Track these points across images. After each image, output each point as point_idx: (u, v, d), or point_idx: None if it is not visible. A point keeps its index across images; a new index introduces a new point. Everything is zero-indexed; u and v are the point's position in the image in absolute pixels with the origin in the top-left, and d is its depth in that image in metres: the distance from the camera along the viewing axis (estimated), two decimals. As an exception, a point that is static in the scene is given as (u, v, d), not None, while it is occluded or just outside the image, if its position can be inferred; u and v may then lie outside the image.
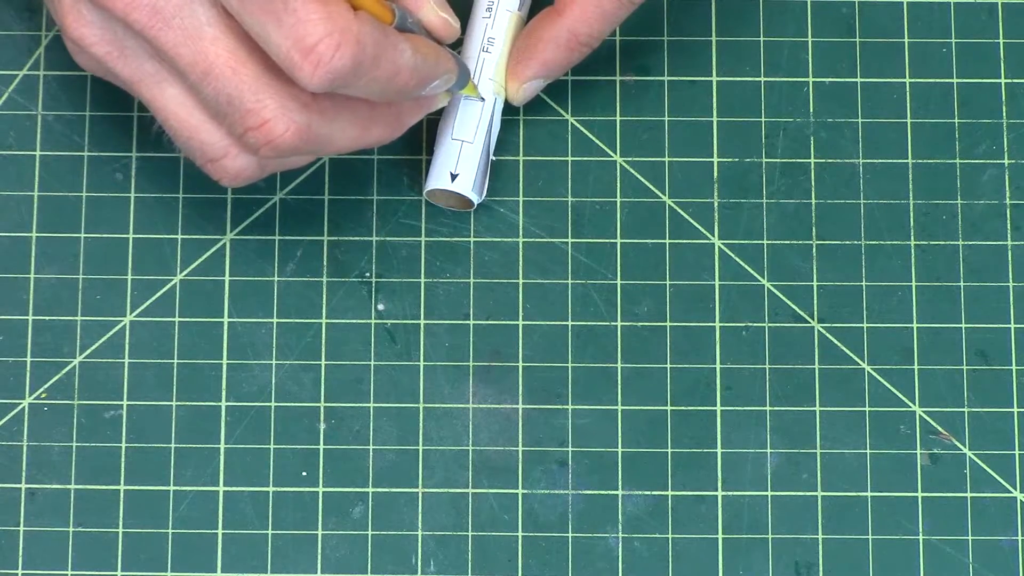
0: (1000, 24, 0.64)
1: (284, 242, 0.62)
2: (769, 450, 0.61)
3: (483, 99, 0.60)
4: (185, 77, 0.53)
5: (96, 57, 0.54)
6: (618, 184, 0.63)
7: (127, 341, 0.62)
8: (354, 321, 0.62)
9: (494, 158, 0.61)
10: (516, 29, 0.61)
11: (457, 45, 0.60)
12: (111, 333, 0.62)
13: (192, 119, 0.55)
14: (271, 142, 0.53)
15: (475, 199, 0.60)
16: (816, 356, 0.62)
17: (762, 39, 0.64)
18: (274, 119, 0.53)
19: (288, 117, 0.53)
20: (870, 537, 0.61)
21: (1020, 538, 0.61)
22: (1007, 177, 0.63)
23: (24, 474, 0.61)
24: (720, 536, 0.61)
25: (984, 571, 0.60)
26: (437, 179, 0.60)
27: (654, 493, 0.61)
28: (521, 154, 0.63)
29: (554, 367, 0.62)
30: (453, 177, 0.60)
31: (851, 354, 0.62)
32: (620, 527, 0.61)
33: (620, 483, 0.61)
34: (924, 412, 0.61)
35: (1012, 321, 0.62)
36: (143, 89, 0.55)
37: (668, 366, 0.62)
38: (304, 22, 0.51)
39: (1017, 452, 0.61)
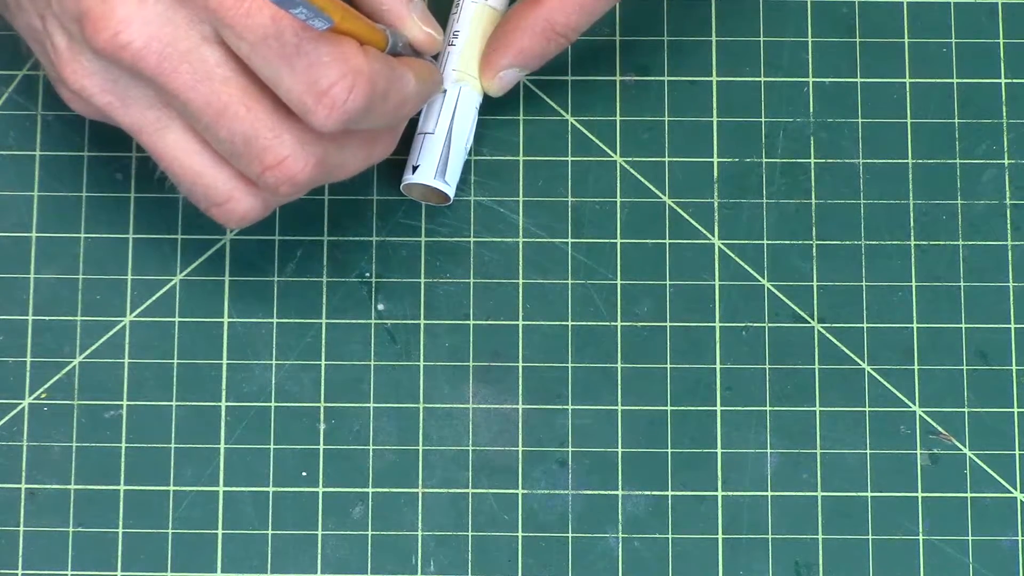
0: (1000, 24, 0.64)
1: (284, 242, 0.62)
2: (769, 450, 0.61)
3: (444, 90, 0.60)
4: (197, 120, 0.52)
5: (98, 107, 0.54)
6: (618, 184, 0.63)
7: (127, 341, 0.62)
8: (354, 321, 0.62)
9: (471, 148, 0.61)
10: (485, 20, 0.61)
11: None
12: (111, 333, 0.62)
13: (196, 164, 0.54)
14: (291, 178, 0.53)
15: (442, 188, 0.60)
16: (816, 356, 0.62)
17: (762, 39, 0.64)
18: (292, 155, 0.52)
19: (306, 152, 0.53)
20: (870, 537, 0.61)
21: (1020, 538, 0.61)
22: (1007, 177, 0.63)
23: (24, 474, 0.61)
24: (720, 536, 0.61)
25: (984, 571, 0.60)
26: (404, 173, 0.60)
27: (654, 493, 0.61)
28: (521, 154, 0.63)
29: (554, 367, 0.62)
30: (414, 169, 0.60)
31: (851, 354, 0.62)
32: (620, 527, 0.61)
33: (620, 483, 0.61)
34: (924, 412, 0.61)
35: (1012, 321, 0.62)
36: (145, 137, 0.54)
37: (668, 366, 0.62)
38: (316, 65, 0.50)
39: (1017, 452, 0.61)
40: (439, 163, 0.60)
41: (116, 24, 0.51)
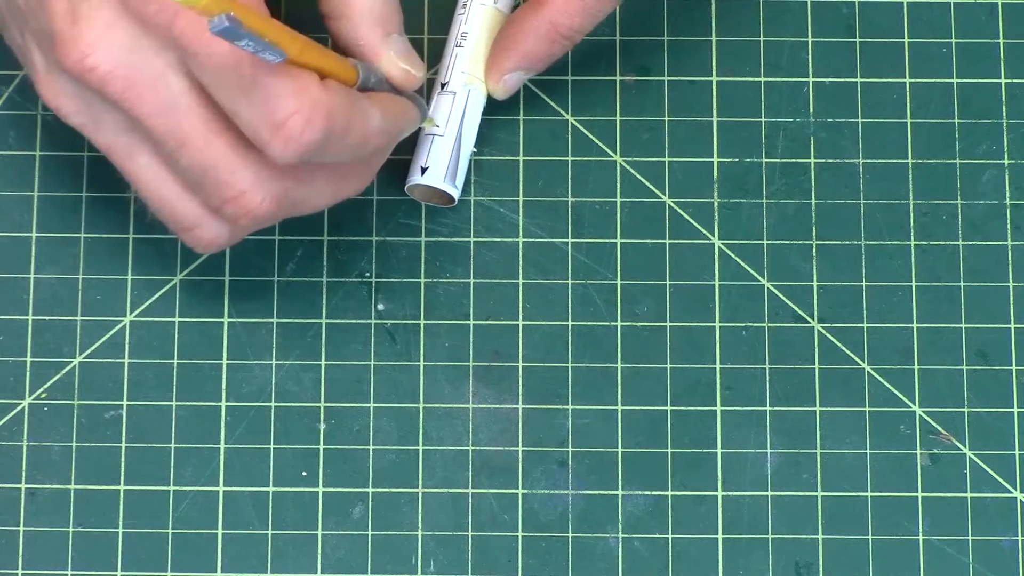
0: (1000, 24, 0.64)
1: (284, 242, 0.62)
2: (769, 450, 0.61)
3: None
4: (162, 147, 0.52)
5: (74, 126, 0.54)
6: (618, 184, 0.63)
7: (127, 341, 0.62)
8: (354, 321, 0.62)
9: (475, 150, 0.61)
10: (493, 22, 0.61)
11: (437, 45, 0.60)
12: (111, 333, 0.62)
13: (164, 189, 0.54)
14: (248, 212, 0.53)
15: (450, 191, 0.60)
16: (816, 356, 0.62)
17: (762, 39, 0.64)
18: (251, 190, 0.52)
19: (264, 187, 0.52)
20: (870, 537, 0.61)
21: (1020, 538, 0.61)
22: (1007, 177, 0.63)
23: (24, 474, 0.61)
24: (720, 536, 0.61)
25: (984, 571, 0.60)
26: (411, 174, 0.60)
27: (654, 493, 0.61)
28: (521, 154, 0.63)
29: (554, 367, 0.62)
30: (423, 171, 0.60)
31: (851, 354, 0.62)
32: (620, 527, 0.61)
33: (620, 483, 0.61)
34: (924, 412, 0.61)
35: (1012, 321, 0.62)
36: (117, 159, 0.54)
37: (668, 366, 0.62)
38: (273, 98, 0.50)
39: (1017, 452, 0.61)
40: (449, 165, 0.60)
41: (84, 47, 0.51)
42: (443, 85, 0.60)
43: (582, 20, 0.59)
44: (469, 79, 0.60)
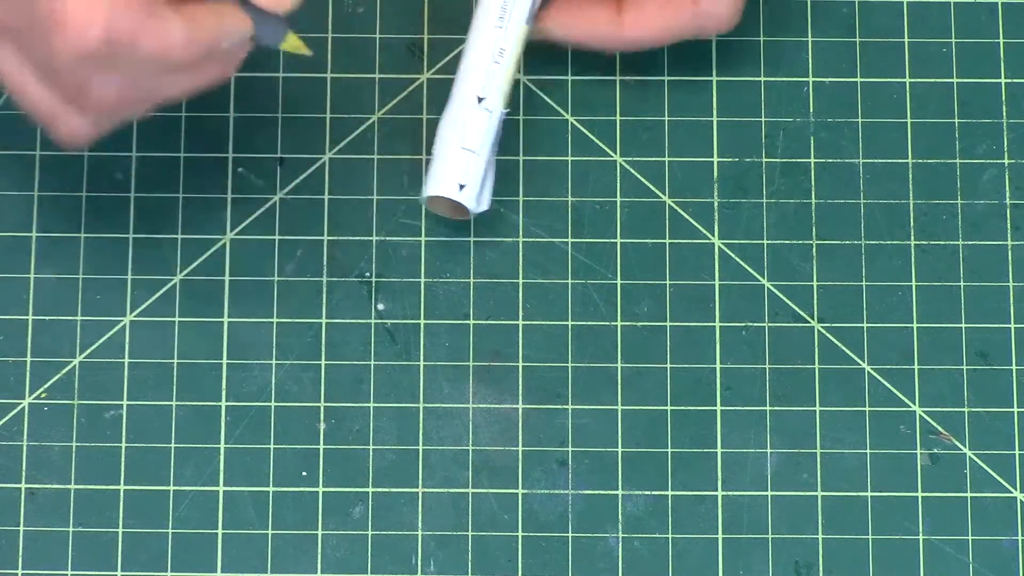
0: (1000, 24, 0.64)
1: (284, 242, 0.62)
2: (769, 450, 0.61)
3: (489, 111, 0.60)
4: (14, 37, 0.53)
5: None
6: (618, 184, 0.63)
7: (127, 341, 0.62)
8: (354, 321, 0.62)
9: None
10: (525, 42, 0.61)
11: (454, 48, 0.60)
12: (111, 333, 0.62)
13: (23, 79, 0.54)
14: (97, 102, 0.53)
15: (476, 210, 0.60)
16: (816, 356, 0.62)
17: (762, 39, 0.64)
18: (94, 79, 0.53)
19: (107, 77, 0.53)
20: (870, 537, 0.61)
21: (1020, 538, 0.61)
22: (1007, 177, 0.63)
23: (24, 474, 0.61)
24: (720, 536, 0.61)
25: (984, 571, 0.60)
26: (443, 187, 0.59)
27: (654, 493, 0.61)
28: (521, 154, 0.63)
29: (554, 367, 0.62)
30: (461, 187, 0.59)
31: (851, 354, 0.62)
32: (620, 527, 0.61)
33: (620, 483, 0.61)
34: (924, 412, 0.61)
35: (1012, 321, 0.62)
36: None
37: (668, 366, 0.62)
38: None
39: (1017, 452, 0.61)
40: (481, 186, 0.59)
41: None
42: (480, 99, 0.60)
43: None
44: (505, 100, 0.60)
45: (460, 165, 0.59)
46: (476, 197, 0.60)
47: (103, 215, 0.62)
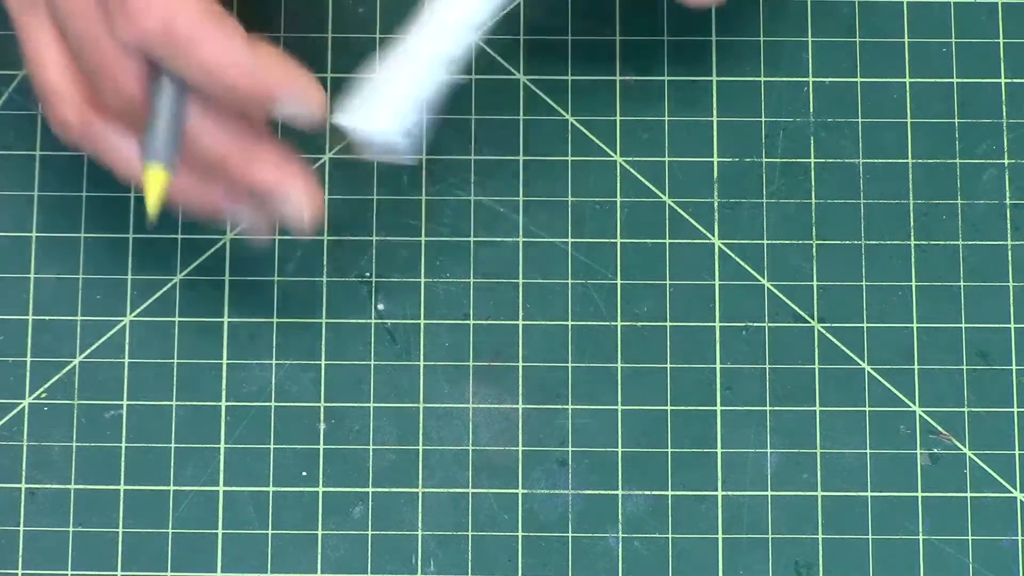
0: (1000, 24, 0.64)
1: (284, 242, 0.62)
2: (769, 450, 0.61)
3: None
4: (55, 9, 0.53)
5: None
6: (618, 184, 0.63)
7: (127, 341, 0.62)
8: (354, 321, 0.62)
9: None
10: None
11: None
12: (111, 333, 0.62)
13: (50, 51, 0.54)
14: (118, 90, 0.53)
15: (369, 130, 0.54)
16: (816, 356, 0.62)
17: (762, 39, 0.64)
18: (117, 63, 0.53)
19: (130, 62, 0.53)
20: (870, 537, 0.61)
21: (1020, 538, 0.61)
22: (1007, 177, 0.63)
23: (24, 474, 0.61)
24: (720, 536, 0.61)
25: (984, 571, 0.60)
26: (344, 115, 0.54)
27: (654, 493, 0.61)
28: (521, 154, 0.63)
29: (554, 367, 0.62)
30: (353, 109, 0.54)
31: (851, 354, 0.62)
32: (620, 527, 0.61)
33: (620, 483, 0.61)
34: (924, 412, 0.61)
35: (1012, 321, 0.62)
36: (13, 8, 0.55)
37: (668, 366, 0.62)
38: None
39: (1017, 452, 0.61)
40: (388, 108, 0.54)
41: None
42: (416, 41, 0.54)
43: None
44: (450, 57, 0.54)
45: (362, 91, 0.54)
46: (367, 115, 0.54)
47: (103, 215, 0.62)
